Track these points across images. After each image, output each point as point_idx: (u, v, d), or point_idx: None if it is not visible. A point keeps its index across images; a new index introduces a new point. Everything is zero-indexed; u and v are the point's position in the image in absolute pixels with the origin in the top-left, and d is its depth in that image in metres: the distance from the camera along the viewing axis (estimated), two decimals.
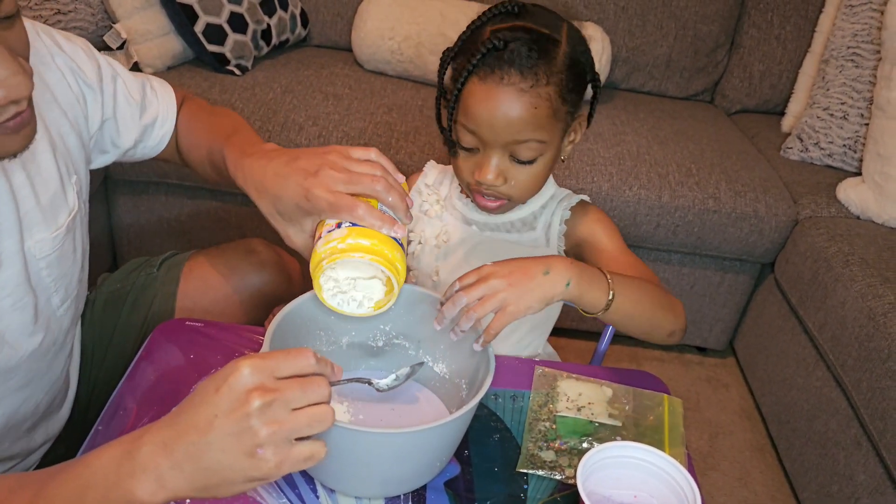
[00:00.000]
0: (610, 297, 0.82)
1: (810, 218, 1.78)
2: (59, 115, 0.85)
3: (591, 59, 0.90)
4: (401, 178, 0.82)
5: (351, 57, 2.18)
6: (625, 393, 0.93)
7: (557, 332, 1.94)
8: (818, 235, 1.69)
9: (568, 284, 0.79)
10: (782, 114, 2.27)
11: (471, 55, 0.84)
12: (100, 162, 0.99)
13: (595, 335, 1.67)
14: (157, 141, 1.02)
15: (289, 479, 0.75)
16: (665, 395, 0.94)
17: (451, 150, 0.91)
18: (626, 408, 0.91)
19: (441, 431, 0.71)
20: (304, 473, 0.76)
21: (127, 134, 0.98)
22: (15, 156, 0.69)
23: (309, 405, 0.58)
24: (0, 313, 0.78)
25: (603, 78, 2.11)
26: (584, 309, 0.84)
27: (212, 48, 1.91)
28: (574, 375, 0.94)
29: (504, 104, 0.83)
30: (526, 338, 1.06)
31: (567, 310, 1.09)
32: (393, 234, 0.76)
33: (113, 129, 0.96)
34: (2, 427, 0.84)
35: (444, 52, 0.90)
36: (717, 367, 2.05)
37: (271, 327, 0.75)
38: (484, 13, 0.88)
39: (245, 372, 0.56)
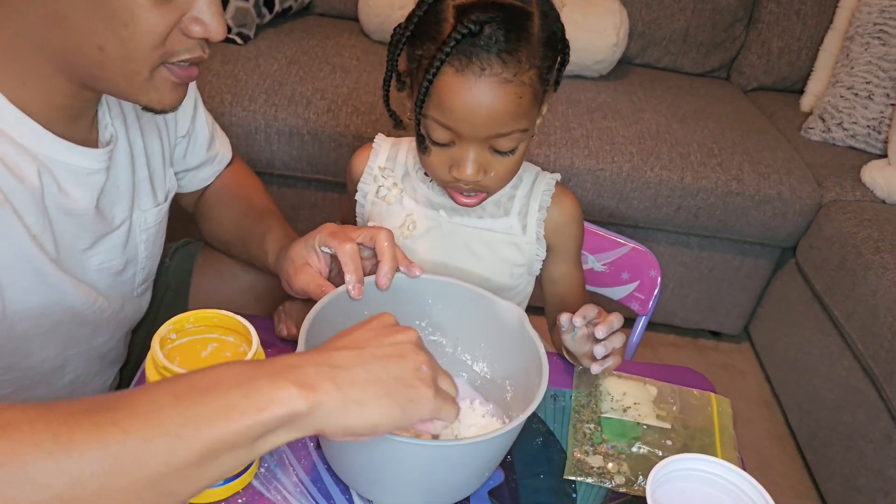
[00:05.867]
0: None
1: (835, 202, 1.73)
2: None
3: (562, 24, 0.80)
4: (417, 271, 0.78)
5: (357, 27, 2.09)
6: (671, 392, 0.88)
7: None
8: (845, 220, 1.63)
9: None
10: (800, 92, 2.21)
11: (437, 40, 0.73)
12: None
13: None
14: (203, 178, 1.01)
15: (322, 490, 0.70)
16: (712, 395, 0.89)
17: (420, 145, 0.81)
18: (674, 408, 0.86)
19: (492, 444, 0.65)
20: (338, 482, 0.70)
21: (191, 158, 0.97)
22: (162, 112, 0.71)
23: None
24: (89, 269, 0.80)
25: (620, 52, 2.03)
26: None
27: None
28: (615, 373, 0.88)
29: (487, 97, 0.73)
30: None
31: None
32: None
33: (182, 148, 0.95)
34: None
35: (394, 31, 0.80)
36: (732, 353, 2.01)
37: (305, 324, 0.68)
38: None
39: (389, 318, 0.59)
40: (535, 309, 1.04)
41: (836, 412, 1.54)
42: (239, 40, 1.86)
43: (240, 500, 0.67)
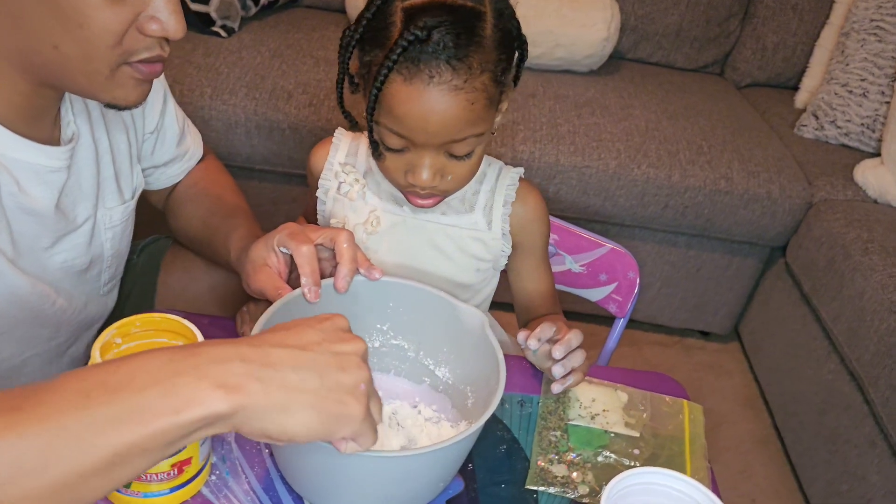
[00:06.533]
0: None
1: (826, 201, 1.70)
2: None
3: (518, 21, 0.76)
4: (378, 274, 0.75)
5: (344, 19, 2.07)
6: (641, 398, 0.86)
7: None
8: (834, 220, 1.61)
9: None
10: (795, 88, 2.17)
11: (384, 46, 0.70)
12: None
13: (593, 317, 1.59)
14: (172, 175, 0.98)
15: (274, 498, 0.68)
16: (685, 402, 0.87)
17: (374, 151, 0.78)
18: (644, 415, 0.84)
19: (445, 454, 0.63)
20: (291, 491, 0.69)
21: (159, 154, 0.95)
22: (126, 108, 0.70)
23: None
24: (51, 268, 0.78)
25: (611, 47, 2.00)
26: None
27: (195, 7, 1.79)
28: (587, 378, 0.86)
29: (438, 106, 0.71)
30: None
31: (564, 296, 1.04)
32: None
33: (150, 145, 0.93)
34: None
35: (343, 34, 0.76)
36: (719, 353, 1.99)
37: (257, 327, 0.66)
38: None
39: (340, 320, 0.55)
40: (501, 305, 1.02)
41: (821, 415, 1.52)
42: (223, 33, 1.83)
43: None
